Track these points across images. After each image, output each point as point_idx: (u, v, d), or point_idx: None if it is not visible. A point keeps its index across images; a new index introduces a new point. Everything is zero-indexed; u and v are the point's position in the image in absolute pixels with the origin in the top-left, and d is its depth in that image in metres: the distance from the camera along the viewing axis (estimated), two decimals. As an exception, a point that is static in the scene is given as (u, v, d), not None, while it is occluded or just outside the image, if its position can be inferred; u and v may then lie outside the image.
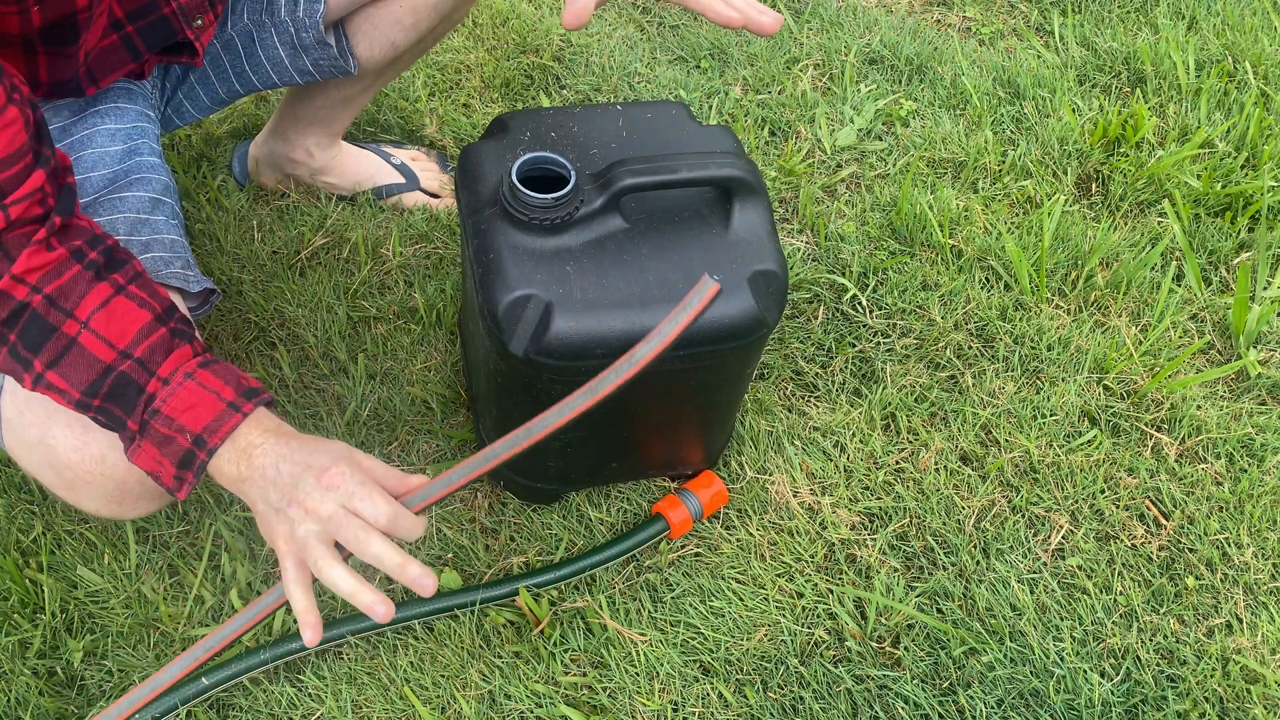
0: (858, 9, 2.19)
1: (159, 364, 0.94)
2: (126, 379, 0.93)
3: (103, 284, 0.93)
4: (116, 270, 0.95)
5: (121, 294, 0.94)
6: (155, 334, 0.94)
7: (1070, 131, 1.92)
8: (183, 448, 0.95)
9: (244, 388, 0.97)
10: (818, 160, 1.89)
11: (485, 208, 1.16)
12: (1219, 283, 1.75)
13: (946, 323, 1.63)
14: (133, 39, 1.13)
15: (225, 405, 0.95)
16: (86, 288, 0.92)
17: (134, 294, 0.95)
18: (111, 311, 0.93)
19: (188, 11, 1.15)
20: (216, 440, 0.94)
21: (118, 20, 1.10)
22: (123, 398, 0.94)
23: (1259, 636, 1.34)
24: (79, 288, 0.92)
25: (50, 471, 1.06)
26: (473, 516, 1.41)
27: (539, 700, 1.26)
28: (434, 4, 1.42)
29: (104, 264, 0.95)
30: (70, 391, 0.94)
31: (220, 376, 0.96)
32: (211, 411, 0.94)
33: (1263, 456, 1.51)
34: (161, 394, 0.94)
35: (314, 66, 1.40)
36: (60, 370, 0.93)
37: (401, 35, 1.44)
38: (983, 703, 1.27)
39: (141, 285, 0.96)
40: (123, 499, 1.07)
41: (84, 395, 0.94)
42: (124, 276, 0.95)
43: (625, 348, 1.12)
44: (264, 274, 1.64)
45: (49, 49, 1.04)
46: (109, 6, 1.08)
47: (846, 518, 1.42)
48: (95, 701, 1.24)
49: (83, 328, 0.92)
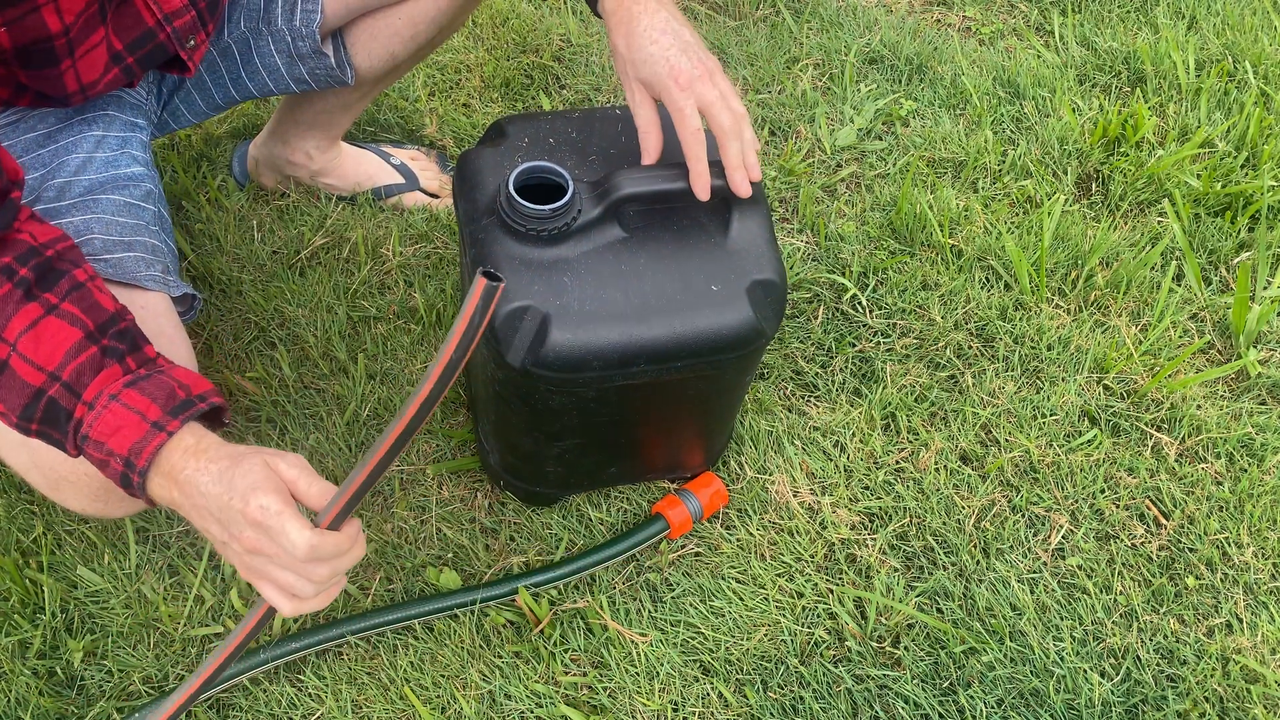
0: (858, 9, 2.19)
1: (85, 386, 0.91)
2: (56, 404, 0.91)
3: (32, 304, 0.91)
4: (49, 288, 0.92)
5: (52, 314, 0.91)
6: (84, 354, 0.91)
7: (1070, 131, 1.92)
8: (118, 471, 0.92)
9: (174, 402, 0.92)
10: (818, 160, 1.89)
11: (483, 217, 1.15)
12: (1219, 282, 1.75)
13: (946, 322, 1.63)
14: (132, 68, 1.14)
15: (150, 426, 0.90)
16: (15, 308, 0.90)
17: (65, 311, 0.92)
18: (40, 333, 0.90)
19: (181, 35, 1.15)
20: (143, 463, 0.90)
21: (118, 53, 1.11)
22: (55, 422, 0.92)
23: (1259, 636, 1.34)
24: (7, 309, 0.90)
25: (35, 471, 1.06)
26: (473, 516, 1.41)
27: (539, 700, 1.26)
28: (432, 17, 1.42)
29: (35, 280, 0.91)
30: (9, 415, 0.92)
31: (147, 394, 0.91)
32: (136, 433, 0.90)
33: (1263, 456, 1.51)
34: (88, 419, 0.91)
35: (310, 76, 1.40)
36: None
37: (400, 47, 1.45)
38: (983, 703, 1.27)
39: (77, 300, 0.93)
40: (107, 498, 1.07)
41: (20, 420, 0.92)
42: (57, 294, 0.92)
43: (622, 359, 1.12)
44: (264, 274, 1.64)
45: (25, 68, 1.04)
46: (106, 40, 1.08)
47: (846, 518, 1.42)
48: (95, 701, 1.24)
49: (11, 351, 0.90)
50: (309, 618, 1.31)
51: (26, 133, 1.17)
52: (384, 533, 1.39)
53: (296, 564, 0.88)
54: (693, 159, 1.10)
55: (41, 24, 0.97)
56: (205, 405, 0.94)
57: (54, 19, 0.98)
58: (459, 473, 1.45)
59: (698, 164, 1.10)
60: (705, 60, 1.10)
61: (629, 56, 1.09)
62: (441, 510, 1.41)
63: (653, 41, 1.08)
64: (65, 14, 0.99)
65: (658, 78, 1.08)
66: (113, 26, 1.07)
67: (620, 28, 1.10)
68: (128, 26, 1.09)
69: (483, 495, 1.43)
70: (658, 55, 1.08)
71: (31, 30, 0.97)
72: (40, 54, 1.02)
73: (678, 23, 1.11)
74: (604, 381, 1.14)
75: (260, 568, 0.90)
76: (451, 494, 1.43)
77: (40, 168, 1.15)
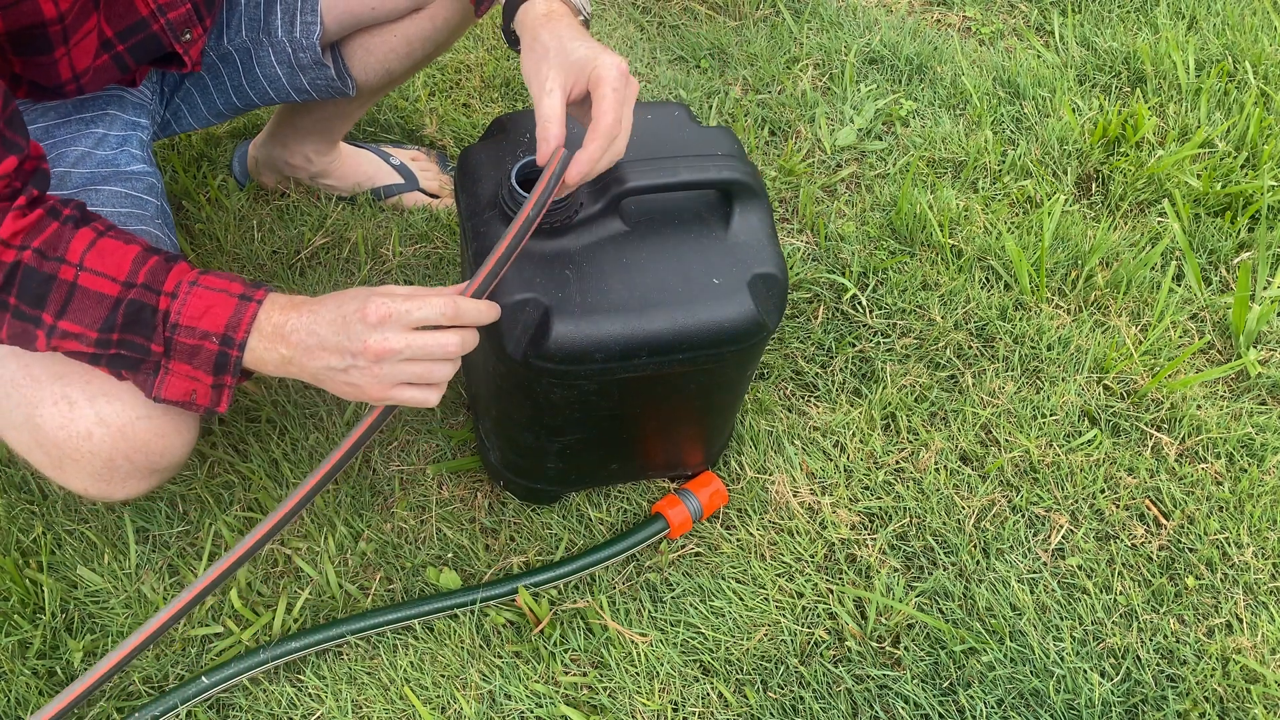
0: (858, 9, 2.19)
1: (163, 282, 0.95)
2: (138, 304, 0.95)
3: (85, 229, 0.95)
4: (93, 221, 0.97)
5: (105, 236, 0.96)
6: (150, 260, 0.96)
7: (1070, 131, 1.92)
8: (213, 352, 0.96)
9: (248, 280, 0.99)
10: (818, 160, 1.89)
11: (485, 210, 1.15)
12: (1219, 282, 1.75)
13: (946, 322, 1.63)
14: (123, 56, 1.14)
15: (238, 299, 0.97)
16: (71, 234, 0.94)
17: (118, 233, 0.97)
18: (102, 250, 0.94)
19: (175, 27, 1.15)
20: (242, 334, 0.96)
21: (108, 40, 1.11)
22: (139, 323, 0.95)
23: (1259, 636, 1.34)
24: (64, 236, 0.94)
25: (38, 450, 1.06)
26: (473, 516, 1.41)
27: (539, 700, 1.26)
28: (428, 35, 1.43)
29: (80, 217, 0.96)
30: (87, 333, 0.95)
31: (223, 277, 0.98)
32: (227, 308, 0.96)
33: (1263, 456, 1.51)
34: (174, 307, 0.95)
35: (311, 86, 1.40)
36: (71, 316, 0.94)
37: (397, 63, 1.45)
38: (983, 703, 1.27)
39: (118, 232, 0.98)
40: (111, 477, 1.07)
41: (102, 333, 0.95)
42: (102, 225, 0.97)
43: (624, 352, 1.12)
44: (264, 274, 1.64)
45: (18, 55, 1.04)
46: (98, 27, 1.08)
47: (846, 518, 1.42)
48: (95, 701, 1.24)
49: (79, 270, 0.93)
50: (309, 618, 1.31)
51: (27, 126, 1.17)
52: (384, 533, 1.39)
53: (430, 343, 0.96)
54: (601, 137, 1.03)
55: (37, 10, 0.97)
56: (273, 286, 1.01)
57: (49, 5, 0.98)
58: (459, 472, 1.45)
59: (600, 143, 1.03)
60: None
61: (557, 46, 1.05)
62: (441, 510, 1.41)
63: (582, 38, 1.06)
64: (60, 1, 0.99)
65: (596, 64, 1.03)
66: (104, 14, 1.07)
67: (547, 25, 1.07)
68: (119, 14, 1.09)
69: (483, 495, 1.43)
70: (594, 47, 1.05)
71: (27, 15, 0.98)
72: (34, 40, 1.02)
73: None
74: (605, 374, 1.14)
75: (392, 373, 0.96)
76: (451, 494, 1.43)
77: None
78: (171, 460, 1.09)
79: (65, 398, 1.03)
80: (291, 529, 1.38)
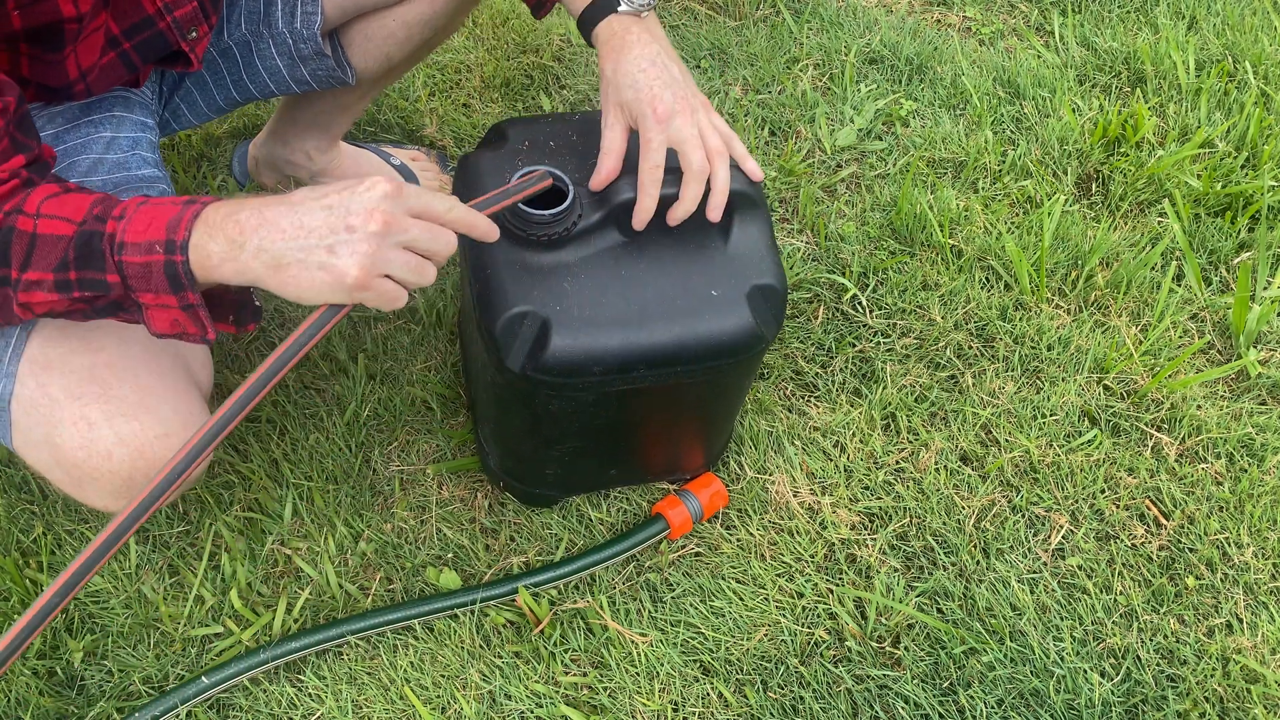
0: (858, 9, 2.19)
1: (113, 209, 0.91)
2: (88, 234, 0.90)
3: (49, 184, 0.93)
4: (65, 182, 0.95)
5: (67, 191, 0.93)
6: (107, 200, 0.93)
7: (1070, 131, 1.92)
8: (160, 263, 0.90)
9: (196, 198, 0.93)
10: (818, 160, 1.89)
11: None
12: (1219, 283, 1.75)
13: (946, 323, 1.63)
14: (129, 54, 1.14)
15: (183, 204, 0.91)
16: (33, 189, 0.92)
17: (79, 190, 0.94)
18: (63, 200, 0.92)
19: (181, 25, 1.15)
20: (183, 233, 0.89)
21: (114, 38, 1.10)
22: (91, 254, 0.91)
23: (1259, 636, 1.34)
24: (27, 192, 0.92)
25: (58, 470, 1.06)
26: (473, 517, 1.41)
27: (539, 700, 1.26)
28: (426, 19, 1.42)
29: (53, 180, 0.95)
30: (46, 277, 0.91)
31: (170, 199, 0.93)
32: (171, 212, 0.90)
33: (1263, 456, 1.51)
34: (120, 228, 0.90)
35: (312, 77, 1.40)
36: (33, 264, 0.91)
37: (395, 49, 1.45)
38: (983, 703, 1.27)
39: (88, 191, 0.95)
40: (130, 494, 1.07)
41: (58, 272, 0.91)
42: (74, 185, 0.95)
43: (622, 364, 1.12)
44: (264, 274, 1.64)
45: (32, 52, 1.04)
46: (105, 24, 1.08)
47: (846, 518, 1.42)
48: (95, 701, 1.24)
49: (37, 218, 0.90)
50: (309, 618, 1.31)
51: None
52: (384, 533, 1.39)
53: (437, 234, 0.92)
54: (642, 192, 1.11)
55: (56, 9, 0.97)
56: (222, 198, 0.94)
57: (69, 5, 0.98)
58: (459, 473, 1.45)
59: (646, 199, 1.11)
60: (690, 97, 1.11)
61: (614, 80, 1.11)
62: (441, 510, 1.41)
63: (641, 70, 1.10)
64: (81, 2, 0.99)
65: (638, 104, 1.10)
66: (112, 11, 1.07)
67: (611, 54, 1.12)
68: (126, 12, 1.09)
69: (483, 495, 1.43)
70: (642, 83, 1.10)
71: (46, 14, 0.98)
72: (51, 38, 1.02)
73: (668, 58, 1.12)
74: (604, 386, 1.14)
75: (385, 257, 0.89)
76: (451, 494, 1.43)
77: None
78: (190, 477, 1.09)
79: (84, 418, 1.02)
80: (292, 529, 1.38)
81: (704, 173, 1.11)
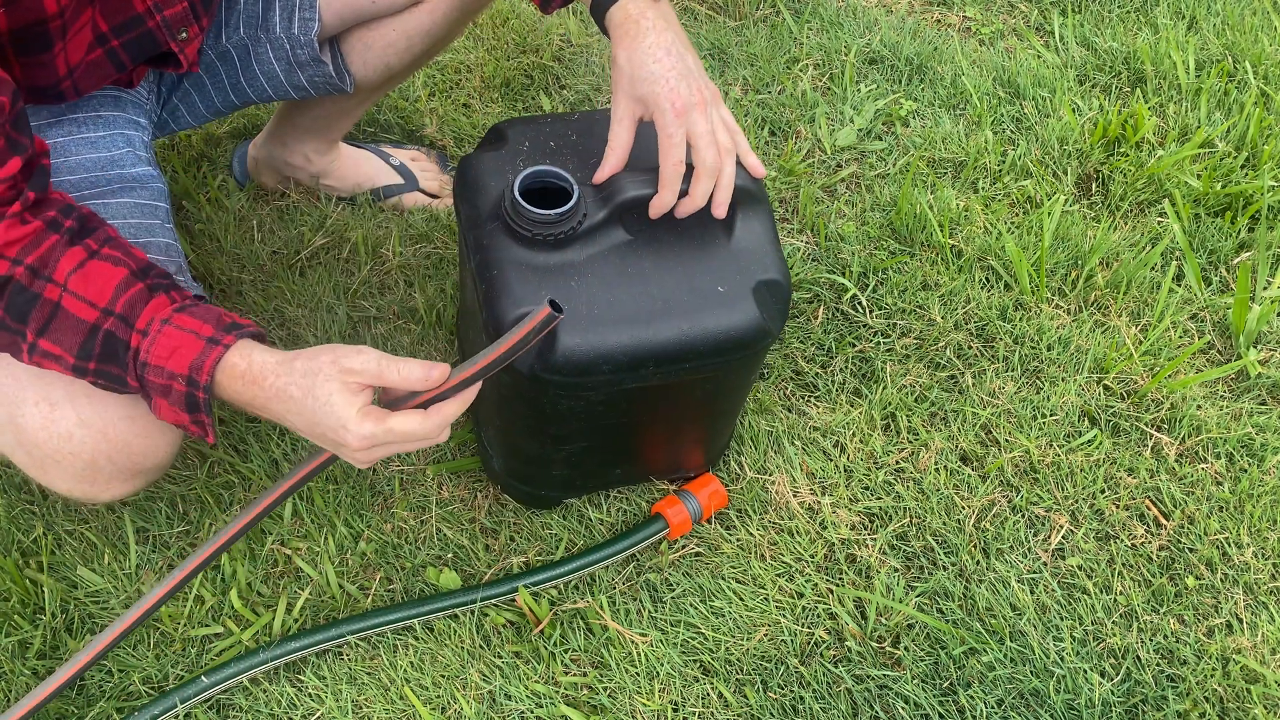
0: (858, 9, 2.19)
1: (138, 315, 0.95)
2: (113, 337, 0.94)
3: (76, 248, 0.95)
4: (89, 235, 0.96)
5: (95, 258, 0.95)
6: (132, 288, 0.96)
7: (1070, 131, 1.92)
8: (181, 392, 0.96)
9: (224, 323, 0.97)
10: (818, 160, 1.89)
11: (487, 222, 1.15)
12: (1219, 283, 1.75)
13: (946, 323, 1.63)
14: (118, 52, 1.13)
15: (205, 342, 0.95)
16: (62, 252, 0.94)
17: (107, 255, 0.96)
18: (88, 273, 0.94)
19: (171, 25, 1.15)
20: (205, 377, 0.95)
21: (103, 34, 1.10)
22: (114, 357, 0.95)
23: (1259, 636, 1.34)
24: (55, 254, 0.93)
25: (21, 451, 1.06)
26: (473, 517, 1.41)
27: (539, 700, 1.26)
28: (426, 29, 1.42)
29: (78, 230, 0.96)
30: (65, 357, 0.95)
31: (198, 317, 0.97)
32: (193, 350, 0.95)
33: (1263, 456, 1.51)
34: (144, 346, 0.95)
35: (309, 83, 1.40)
36: (51, 336, 0.94)
37: (395, 58, 1.45)
38: (983, 703, 1.27)
39: (114, 247, 0.97)
40: (94, 478, 1.07)
41: (78, 360, 0.95)
42: (97, 241, 0.96)
43: (631, 362, 1.12)
44: (264, 274, 1.64)
45: (19, 55, 1.04)
46: (93, 20, 1.08)
47: (846, 518, 1.42)
48: (95, 701, 1.24)
49: (63, 291, 0.93)
50: (309, 618, 1.31)
51: None
52: (384, 533, 1.39)
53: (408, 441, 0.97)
54: (665, 187, 1.11)
55: (39, 5, 0.97)
56: (254, 328, 0.99)
57: (52, 1, 0.98)
58: (459, 473, 1.45)
59: (668, 193, 1.11)
60: (704, 89, 1.11)
61: (629, 71, 1.10)
62: (441, 510, 1.41)
63: (656, 60, 1.09)
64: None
65: (655, 98, 1.09)
66: (100, 8, 1.07)
67: (625, 41, 1.10)
68: (116, 9, 1.09)
69: (483, 496, 1.43)
70: (659, 75, 1.08)
71: (30, 12, 0.98)
72: (36, 38, 1.02)
73: (683, 46, 1.11)
74: (612, 385, 1.14)
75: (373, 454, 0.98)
76: (452, 494, 1.43)
77: None
78: (155, 462, 1.09)
79: (47, 399, 1.03)
80: (292, 529, 1.38)
81: (715, 170, 1.11)
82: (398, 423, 0.95)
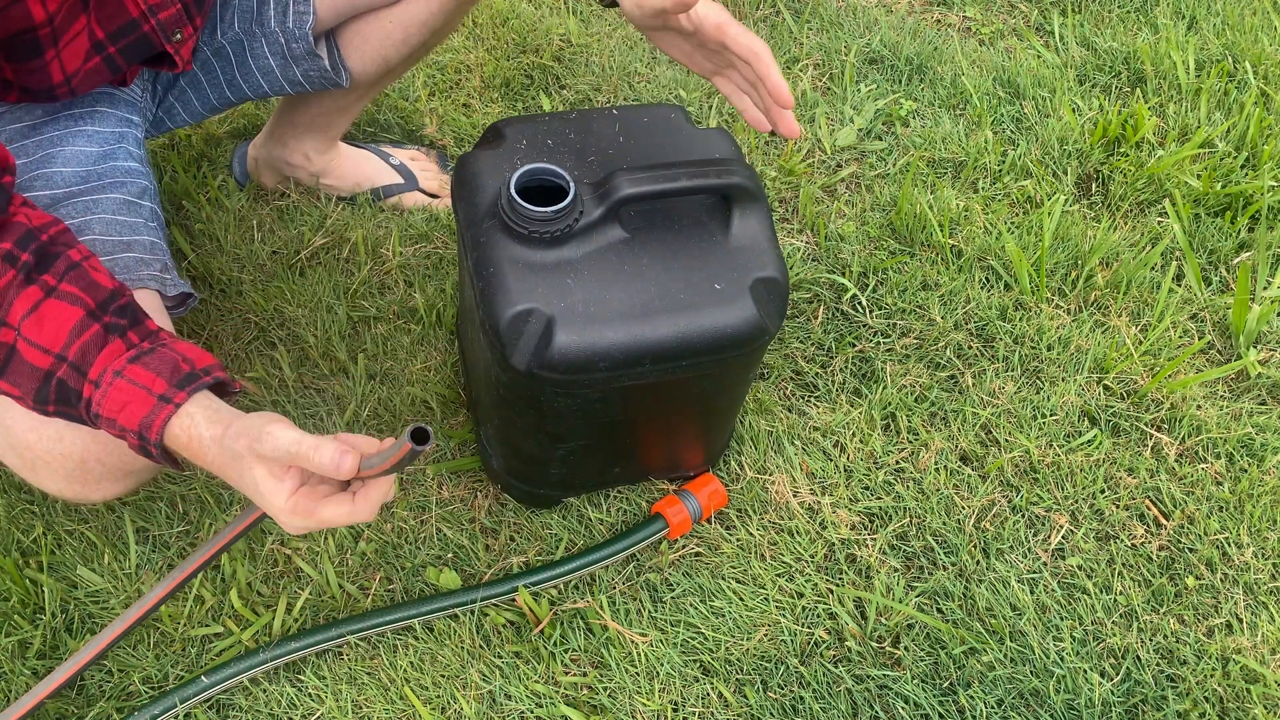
0: (858, 9, 2.19)
1: (91, 364, 0.92)
2: (65, 386, 0.93)
3: (32, 288, 0.92)
4: (47, 269, 0.93)
5: (52, 296, 0.93)
6: (87, 332, 0.93)
7: (1070, 131, 1.92)
8: (134, 444, 0.94)
9: (179, 376, 0.94)
10: (818, 160, 1.89)
11: (484, 220, 1.15)
12: (1219, 283, 1.75)
13: (946, 322, 1.63)
14: (114, 58, 1.13)
15: (156, 399, 0.92)
16: (16, 293, 0.91)
17: (65, 292, 0.93)
18: (42, 316, 0.92)
19: (166, 27, 1.15)
20: (155, 436, 0.93)
21: (99, 42, 1.10)
22: (68, 403, 0.94)
23: (1259, 636, 1.34)
24: (9, 294, 0.91)
25: (11, 452, 1.06)
26: (473, 516, 1.41)
27: (539, 700, 1.26)
28: (423, 20, 1.42)
29: (35, 264, 0.93)
30: (24, 399, 0.94)
31: (152, 369, 0.93)
32: (143, 408, 0.92)
33: (1263, 456, 1.51)
34: (95, 397, 0.92)
35: (304, 78, 1.40)
36: (9, 379, 0.93)
37: (392, 50, 1.45)
38: (983, 703, 1.27)
39: (75, 279, 0.94)
40: (84, 479, 1.06)
41: (36, 403, 0.94)
42: (54, 275, 0.93)
43: (628, 360, 1.12)
44: (264, 274, 1.64)
45: (10, 60, 1.03)
46: (88, 28, 1.07)
47: (846, 518, 1.42)
48: (95, 701, 1.24)
49: (17, 336, 0.92)
50: (309, 618, 1.31)
51: (12, 123, 1.16)
52: (384, 533, 1.39)
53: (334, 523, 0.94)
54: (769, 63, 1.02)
55: (26, 13, 0.97)
56: (210, 379, 0.95)
57: (38, 8, 0.97)
58: (459, 473, 1.45)
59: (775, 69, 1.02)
60: None
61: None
62: (441, 510, 1.41)
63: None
64: (49, 2, 0.99)
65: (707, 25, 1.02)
66: (95, 15, 1.07)
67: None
68: (110, 15, 1.08)
69: (483, 495, 1.43)
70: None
71: (16, 20, 0.97)
72: (25, 45, 1.02)
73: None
74: (609, 382, 1.14)
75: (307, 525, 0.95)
76: (451, 494, 1.43)
77: (24, 156, 1.15)
78: (146, 462, 1.08)
79: None
80: (291, 529, 1.38)
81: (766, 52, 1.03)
82: (328, 513, 0.92)
